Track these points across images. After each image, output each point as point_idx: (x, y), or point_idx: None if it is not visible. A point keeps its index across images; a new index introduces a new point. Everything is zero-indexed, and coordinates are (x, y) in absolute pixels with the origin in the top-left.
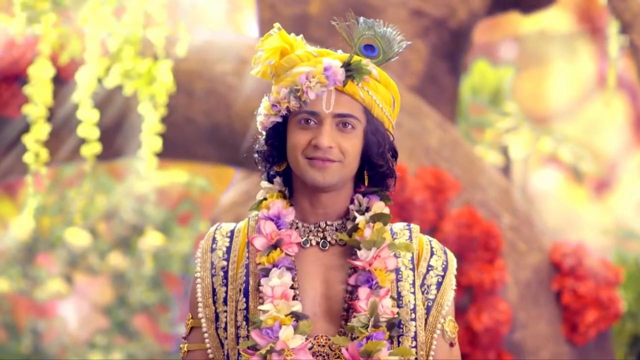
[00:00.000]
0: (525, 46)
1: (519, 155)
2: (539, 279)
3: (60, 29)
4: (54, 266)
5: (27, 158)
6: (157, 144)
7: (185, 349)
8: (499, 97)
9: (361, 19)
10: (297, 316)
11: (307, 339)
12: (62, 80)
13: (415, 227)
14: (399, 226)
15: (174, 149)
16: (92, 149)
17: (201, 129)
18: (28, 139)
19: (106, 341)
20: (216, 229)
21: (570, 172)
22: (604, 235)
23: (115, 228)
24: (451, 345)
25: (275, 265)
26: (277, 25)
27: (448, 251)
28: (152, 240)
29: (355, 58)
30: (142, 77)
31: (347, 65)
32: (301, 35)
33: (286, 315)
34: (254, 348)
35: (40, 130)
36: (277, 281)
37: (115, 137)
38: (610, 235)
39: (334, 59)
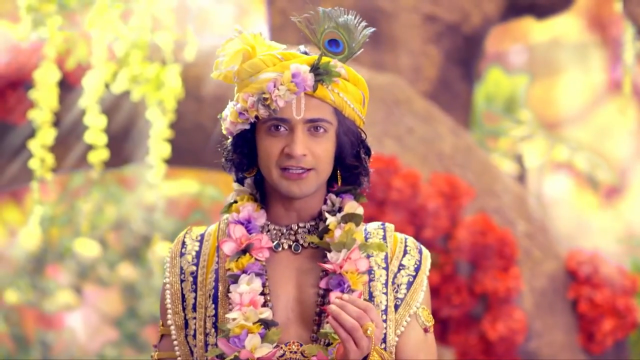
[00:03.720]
0: (537, 54)
1: (534, 163)
2: (555, 287)
3: (66, 32)
4: (63, 277)
5: (33, 164)
6: (166, 150)
7: (156, 357)
8: (513, 105)
9: (320, 10)
10: (265, 324)
11: (278, 345)
12: (68, 86)
13: (390, 226)
14: (373, 226)
15: (182, 155)
16: (99, 155)
17: (210, 135)
18: (33, 144)
19: (116, 353)
20: (186, 232)
21: (582, 178)
22: (619, 244)
23: (125, 238)
24: (425, 330)
25: (244, 272)
26: (237, 28)
27: (424, 251)
28: (162, 250)
29: (324, 60)
30: (150, 82)
31: (315, 69)
32: (259, 31)
33: (254, 323)
34: (221, 357)
35: (46, 135)
36: (246, 288)
37: (123, 143)
38: (625, 244)
39: (302, 64)
